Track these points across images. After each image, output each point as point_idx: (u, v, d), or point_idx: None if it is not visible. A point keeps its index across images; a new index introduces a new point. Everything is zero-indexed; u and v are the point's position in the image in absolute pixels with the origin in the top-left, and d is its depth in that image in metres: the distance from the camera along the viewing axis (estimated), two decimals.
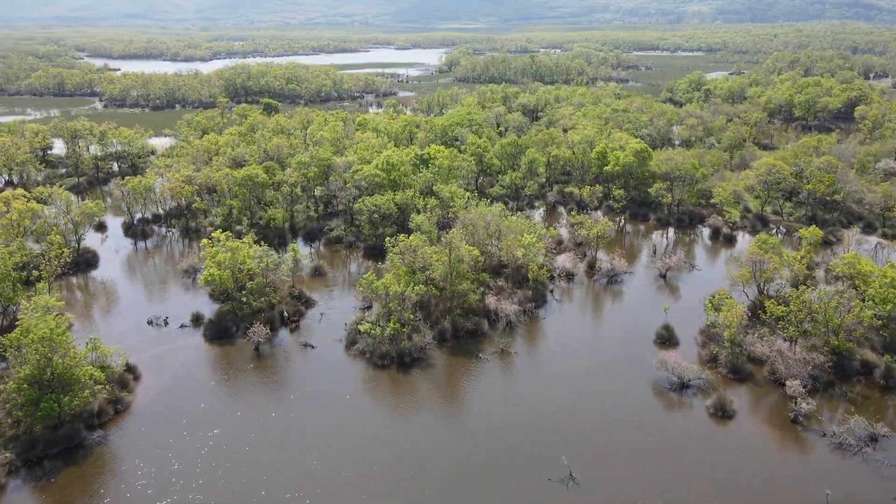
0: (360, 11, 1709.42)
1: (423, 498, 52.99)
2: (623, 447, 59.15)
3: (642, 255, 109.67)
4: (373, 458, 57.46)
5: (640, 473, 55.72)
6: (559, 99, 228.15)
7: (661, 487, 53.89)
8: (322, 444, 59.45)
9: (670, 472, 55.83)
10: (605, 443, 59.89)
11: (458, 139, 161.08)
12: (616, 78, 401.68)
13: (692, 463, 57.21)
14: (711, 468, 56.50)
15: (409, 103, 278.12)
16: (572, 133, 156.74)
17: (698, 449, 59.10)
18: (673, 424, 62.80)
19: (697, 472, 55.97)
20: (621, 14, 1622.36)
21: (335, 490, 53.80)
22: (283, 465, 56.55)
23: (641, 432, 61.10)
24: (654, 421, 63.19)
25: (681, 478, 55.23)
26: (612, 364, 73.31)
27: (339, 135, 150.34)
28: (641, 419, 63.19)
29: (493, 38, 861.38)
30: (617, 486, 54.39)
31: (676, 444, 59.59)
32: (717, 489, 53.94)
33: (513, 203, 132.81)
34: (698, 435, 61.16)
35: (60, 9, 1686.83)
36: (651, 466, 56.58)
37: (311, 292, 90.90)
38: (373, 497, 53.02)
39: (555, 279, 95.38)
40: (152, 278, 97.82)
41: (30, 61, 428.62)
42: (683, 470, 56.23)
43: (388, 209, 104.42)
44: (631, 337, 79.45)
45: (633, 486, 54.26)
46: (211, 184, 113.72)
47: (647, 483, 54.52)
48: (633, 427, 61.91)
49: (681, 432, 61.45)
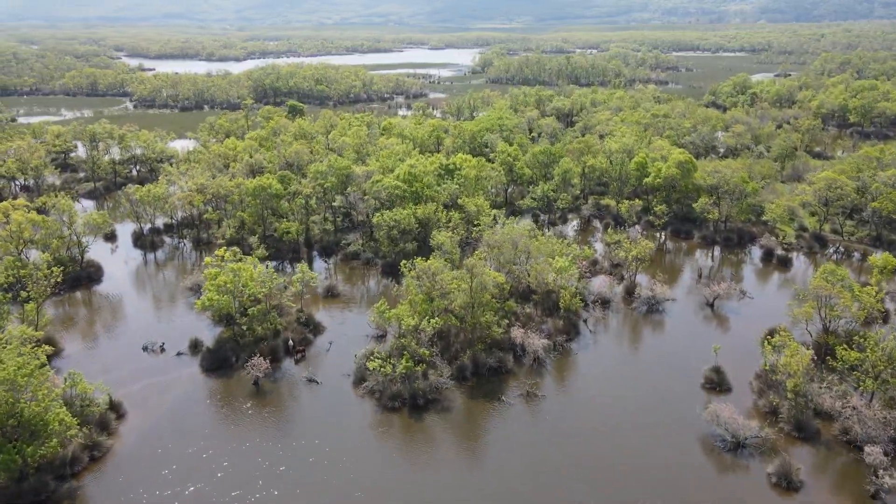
0: (395, 11, 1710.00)
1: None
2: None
3: (685, 277, 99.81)
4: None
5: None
6: (595, 103, 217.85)
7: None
8: (321, 501, 51.93)
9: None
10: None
11: (488, 146, 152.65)
12: (655, 80, 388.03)
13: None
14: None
15: (439, 105, 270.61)
16: (609, 141, 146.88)
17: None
18: (727, 494, 53.47)
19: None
20: (660, 13, 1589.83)
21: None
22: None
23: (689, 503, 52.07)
24: (703, 488, 53.99)
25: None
26: (654, 413, 64.15)
27: (362, 140, 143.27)
28: (688, 486, 54.05)
29: (528, 38, 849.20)
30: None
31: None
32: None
33: (544, 216, 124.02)
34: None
35: (104, 9, 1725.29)
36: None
37: (322, 316, 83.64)
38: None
39: (589, 306, 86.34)
40: (155, 295, 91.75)
41: (67, 61, 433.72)
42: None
43: (408, 225, 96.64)
44: (675, 379, 70.10)
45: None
46: (223, 193, 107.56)
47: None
48: (679, 495, 52.81)
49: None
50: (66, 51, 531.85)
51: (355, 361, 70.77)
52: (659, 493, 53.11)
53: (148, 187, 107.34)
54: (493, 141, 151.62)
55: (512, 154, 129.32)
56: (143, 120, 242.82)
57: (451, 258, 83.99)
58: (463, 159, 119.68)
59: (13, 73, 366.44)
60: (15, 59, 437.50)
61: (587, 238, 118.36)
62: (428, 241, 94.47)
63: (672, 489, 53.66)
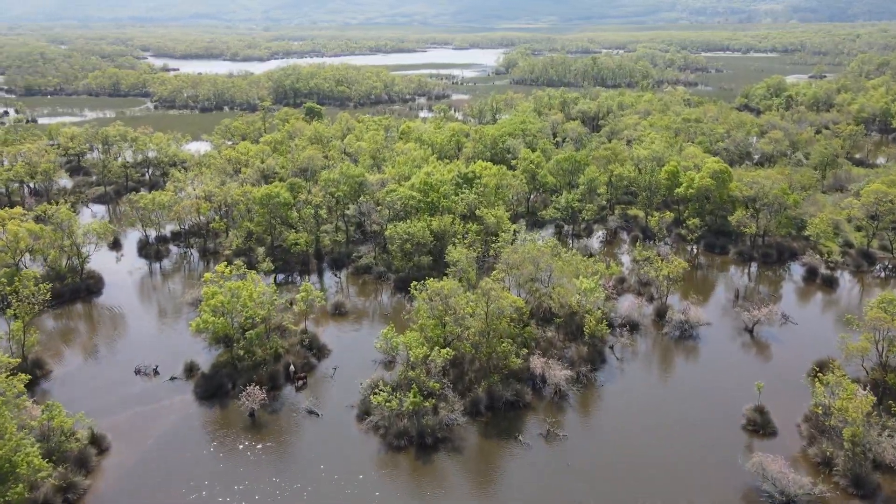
0: (419, 11, 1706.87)
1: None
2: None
3: (721, 297, 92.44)
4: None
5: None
6: (623, 106, 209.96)
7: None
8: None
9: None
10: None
11: (510, 151, 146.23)
12: (684, 81, 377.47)
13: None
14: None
15: (461, 107, 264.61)
16: (637, 147, 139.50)
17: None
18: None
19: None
20: (688, 13, 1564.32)
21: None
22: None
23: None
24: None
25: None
26: (690, 458, 57.40)
27: (379, 145, 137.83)
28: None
29: (553, 38, 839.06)
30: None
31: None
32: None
33: (568, 227, 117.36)
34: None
35: (135, 9, 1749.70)
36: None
37: (328, 336, 78.16)
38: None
39: (615, 330, 79.62)
40: (155, 310, 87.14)
41: (92, 61, 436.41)
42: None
43: (422, 238, 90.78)
44: (713, 418, 63.19)
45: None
46: (231, 201, 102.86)
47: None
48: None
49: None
50: (93, 51, 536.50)
51: (360, 391, 65.16)
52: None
53: (153, 195, 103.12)
54: (515, 146, 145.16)
55: (535, 161, 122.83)
56: (163, 121, 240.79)
57: (467, 277, 77.95)
58: (483, 167, 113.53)
59: (38, 73, 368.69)
60: (42, 59, 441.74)
61: (613, 251, 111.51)
62: (443, 255, 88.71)
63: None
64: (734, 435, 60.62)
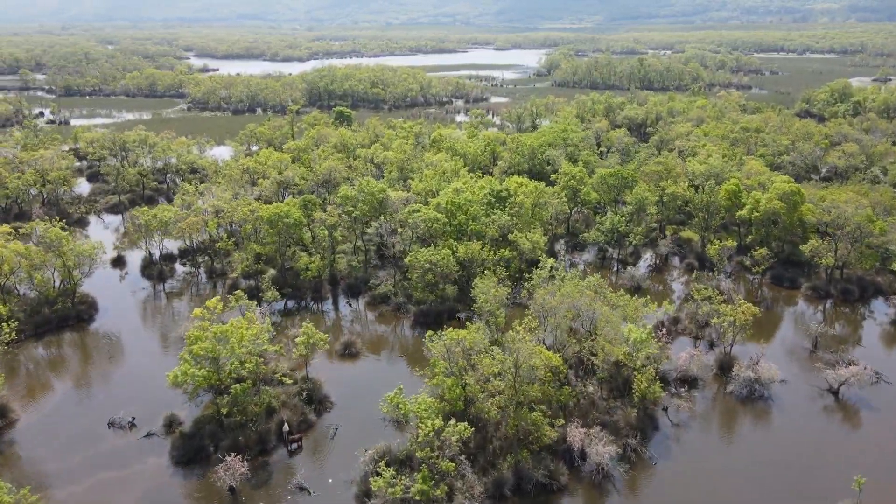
0: (462, 11, 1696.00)
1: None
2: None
3: (793, 342, 78.96)
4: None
5: None
6: (673, 112, 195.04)
7: None
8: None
9: None
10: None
11: (550, 163, 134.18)
12: (737, 84, 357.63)
13: None
14: None
15: (499, 111, 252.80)
16: (692, 161, 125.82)
17: None
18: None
19: None
20: (739, 12, 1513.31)
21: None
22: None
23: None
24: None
25: None
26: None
27: (407, 155, 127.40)
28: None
29: (597, 38, 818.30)
30: None
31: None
32: None
33: (613, 250, 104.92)
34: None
35: (184, 10, 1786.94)
36: None
37: (332, 383, 67.81)
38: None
39: (669, 385, 67.35)
40: (146, 344, 78.28)
41: (133, 61, 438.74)
42: None
43: (446, 268, 79.80)
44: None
45: None
46: (238, 219, 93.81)
47: None
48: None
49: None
50: (137, 51, 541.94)
51: (362, 461, 54.58)
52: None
53: (155, 210, 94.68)
54: (555, 158, 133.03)
55: (577, 177, 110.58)
56: (194, 123, 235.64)
57: (495, 321, 66.75)
58: (518, 184, 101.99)
59: (79, 73, 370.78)
60: (86, 59, 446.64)
61: (664, 279, 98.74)
62: (471, 285, 77.57)
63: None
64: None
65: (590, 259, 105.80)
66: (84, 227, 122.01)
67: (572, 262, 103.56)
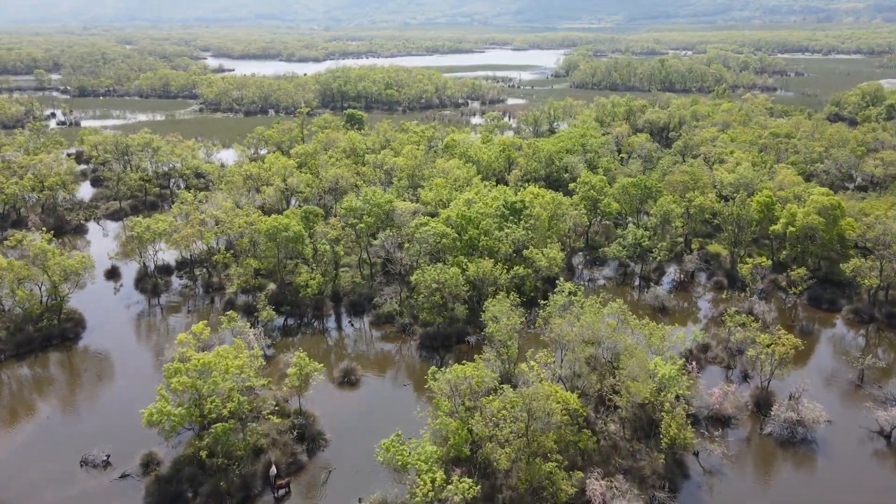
0: (480, 11, 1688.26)
1: None
2: None
3: (836, 373, 71.86)
4: None
5: None
6: (697, 116, 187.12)
7: None
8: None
9: None
10: None
11: (568, 170, 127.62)
12: (761, 86, 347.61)
13: None
14: None
15: (515, 114, 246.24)
16: (720, 169, 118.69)
17: None
18: None
19: None
20: (761, 12, 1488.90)
21: None
22: None
23: None
24: None
25: None
26: None
27: (418, 162, 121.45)
28: None
29: (617, 38, 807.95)
30: None
31: None
32: None
33: (635, 265, 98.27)
34: None
35: (202, 10, 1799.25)
36: None
37: (328, 417, 62.08)
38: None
39: (700, 424, 60.72)
40: (131, 367, 73.03)
41: (149, 61, 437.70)
42: None
43: (455, 288, 73.70)
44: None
45: None
46: (235, 231, 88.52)
47: None
48: None
49: None
50: (154, 51, 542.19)
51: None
52: None
53: (149, 221, 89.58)
54: (573, 165, 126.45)
55: (597, 187, 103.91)
56: (203, 125, 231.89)
57: (506, 352, 60.56)
58: (534, 194, 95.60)
59: (93, 73, 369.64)
60: (103, 59, 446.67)
61: (690, 297, 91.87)
62: (482, 304, 71.46)
63: None
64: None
65: (610, 274, 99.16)
66: (82, 235, 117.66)
67: (591, 279, 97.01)
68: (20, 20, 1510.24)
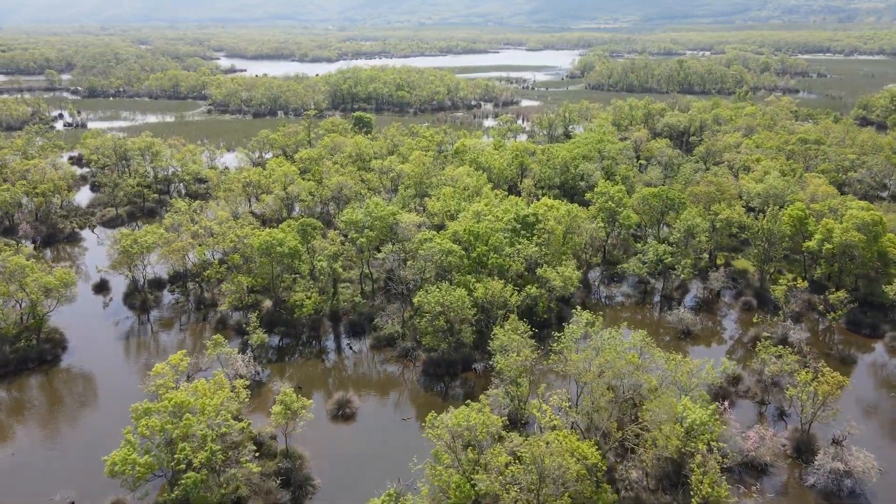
0: (494, 11, 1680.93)
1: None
2: None
3: (882, 409, 64.93)
4: None
5: None
6: (719, 120, 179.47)
7: None
8: None
9: None
10: None
11: (584, 178, 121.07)
12: (783, 88, 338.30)
13: None
14: None
15: (530, 116, 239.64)
16: (746, 179, 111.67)
17: None
18: None
19: None
20: (780, 11, 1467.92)
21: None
22: None
23: None
24: None
25: None
26: None
27: (425, 169, 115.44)
28: None
29: (633, 38, 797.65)
30: None
31: None
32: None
33: (656, 281, 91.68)
34: None
35: (219, 10, 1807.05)
36: None
37: (319, 457, 56.24)
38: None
39: (732, 473, 54.15)
40: (112, 392, 67.63)
41: (161, 61, 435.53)
42: None
43: (461, 311, 67.62)
44: None
45: None
46: (225, 248, 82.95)
47: None
48: None
49: None
50: (167, 51, 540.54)
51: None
52: None
53: (139, 233, 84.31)
54: (590, 172, 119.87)
55: (615, 197, 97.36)
56: (211, 127, 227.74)
57: (518, 391, 54.36)
58: (547, 207, 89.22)
59: (102, 73, 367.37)
60: (115, 60, 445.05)
61: (716, 318, 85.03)
62: (489, 334, 65.46)
63: None
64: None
65: (629, 292, 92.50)
66: (76, 243, 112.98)
67: (608, 296, 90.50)
68: (40, 20, 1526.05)
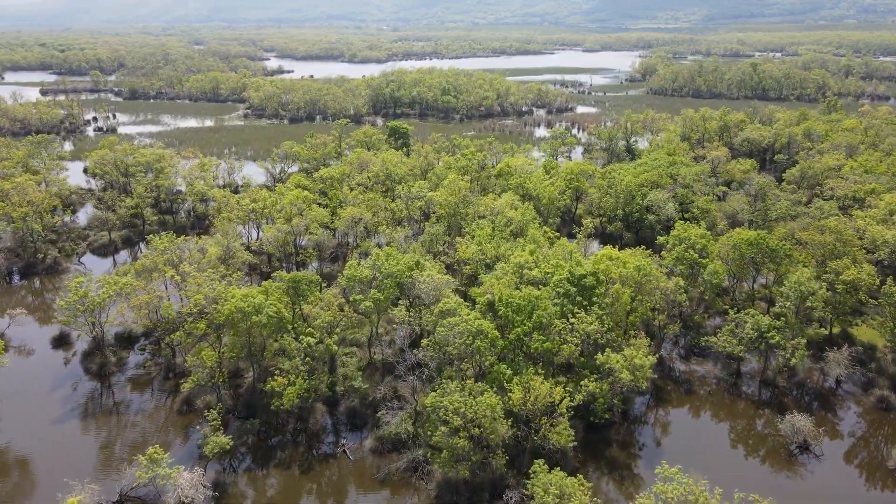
0: (551, 10, 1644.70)
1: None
2: None
3: None
4: None
5: None
6: (811, 135, 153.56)
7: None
8: None
9: None
10: None
11: (653, 209, 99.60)
12: (871, 94, 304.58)
13: None
14: None
15: (586, 125, 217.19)
16: (862, 217, 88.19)
17: None
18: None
19: None
20: (855, 10, 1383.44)
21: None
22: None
23: None
24: None
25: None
26: None
27: (461, 197, 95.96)
28: None
29: (696, 39, 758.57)
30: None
31: None
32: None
33: (753, 358, 69.95)
34: None
35: (277, 11, 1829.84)
36: None
37: None
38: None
39: None
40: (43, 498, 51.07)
41: (209, 62, 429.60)
42: None
43: (490, 429, 47.96)
44: None
45: None
46: (188, 312, 65.28)
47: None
48: None
49: None
50: (218, 52, 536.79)
51: None
52: None
53: (100, 279, 67.76)
54: (661, 204, 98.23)
55: (697, 245, 75.80)
56: (243, 134, 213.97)
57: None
58: (610, 259, 68.41)
59: (145, 76, 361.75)
60: (164, 60, 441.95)
61: (839, 420, 62.93)
62: (529, 439, 45.77)
63: None
64: None
65: (715, 372, 71.04)
66: (55, 276, 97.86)
67: (687, 377, 69.33)
68: (109, 21, 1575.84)
